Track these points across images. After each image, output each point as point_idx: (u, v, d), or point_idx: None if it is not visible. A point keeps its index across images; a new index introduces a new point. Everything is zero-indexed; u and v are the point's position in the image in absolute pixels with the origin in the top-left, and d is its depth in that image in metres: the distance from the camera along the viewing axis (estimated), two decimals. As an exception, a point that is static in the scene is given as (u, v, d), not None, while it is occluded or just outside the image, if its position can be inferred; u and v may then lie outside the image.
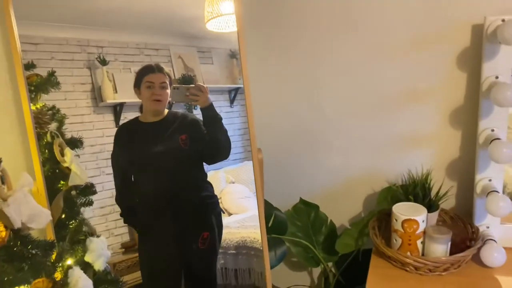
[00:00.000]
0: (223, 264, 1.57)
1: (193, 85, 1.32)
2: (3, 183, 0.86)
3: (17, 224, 0.84)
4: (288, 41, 1.60)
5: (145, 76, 1.36)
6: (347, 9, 1.48)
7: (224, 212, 1.57)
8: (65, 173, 1.27)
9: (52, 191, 1.24)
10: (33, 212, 0.88)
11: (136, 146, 1.39)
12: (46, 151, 1.25)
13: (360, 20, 1.48)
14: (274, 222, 1.58)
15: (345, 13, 1.49)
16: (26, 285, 0.83)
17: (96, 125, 1.41)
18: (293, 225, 1.64)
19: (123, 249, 1.49)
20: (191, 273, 1.48)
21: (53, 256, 0.97)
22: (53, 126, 1.28)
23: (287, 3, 1.55)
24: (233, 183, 1.66)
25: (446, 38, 1.39)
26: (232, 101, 1.55)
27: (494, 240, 1.28)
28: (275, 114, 1.70)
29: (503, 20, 1.20)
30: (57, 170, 1.27)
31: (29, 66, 1.25)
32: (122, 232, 1.48)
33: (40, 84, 1.27)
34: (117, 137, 1.40)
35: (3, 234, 0.83)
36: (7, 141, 1.24)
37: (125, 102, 1.43)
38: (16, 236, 0.86)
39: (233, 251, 1.57)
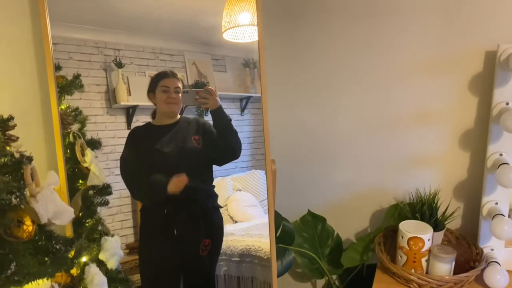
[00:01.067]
0: (226, 271, 1.57)
1: (202, 89, 1.36)
2: (32, 180, 0.90)
3: (44, 220, 0.87)
4: (304, 57, 1.64)
5: (160, 80, 1.40)
6: (367, 29, 1.53)
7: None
8: (84, 173, 1.30)
9: (71, 189, 1.27)
10: (58, 209, 0.92)
11: (149, 148, 1.42)
12: (68, 150, 1.28)
13: (377, 41, 1.52)
14: (282, 232, 1.60)
15: (364, 33, 1.54)
16: (48, 278, 0.87)
17: (109, 126, 1.43)
18: (300, 236, 1.66)
19: (128, 250, 1.49)
20: (190, 278, 1.49)
21: (72, 252, 1.00)
22: (75, 127, 1.31)
23: (307, 18, 1.60)
24: (240, 190, 1.67)
25: (459, 63, 1.42)
26: (243, 110, 1.56)
27: (497, 263, 1.29)
28: (288, 126, 1.74)
29: (516, 49, 1.24)
30: (76, 170, 1.30)
31: (56, 68, 1.29)
32: (127, 233, 1.49)
33: (65, 86, 1.31)
34: (130, 139, 1.42)
35: (30, 228, 0.86)
36: (32, 139, 1.27)
37: (138, 105, 1.46)
38: (41, 231, 0.90)
39: (237, 259, 1.57)
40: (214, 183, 1.49)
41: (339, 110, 1.64)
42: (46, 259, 0.89)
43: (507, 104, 1.29)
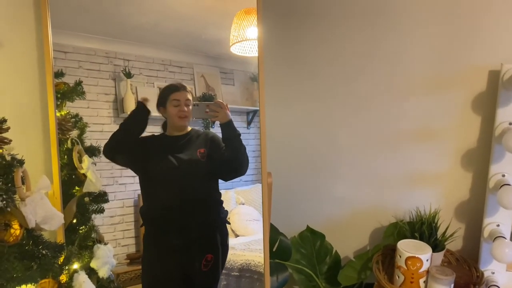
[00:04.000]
0: (225, 285, 1.55)
1: (212, 102, 1.35)
2: (23, 183, 0.90)
3: (32, 224, 0.87)
4: (307, 72, 1.64)
5: (171, 94, 1.39)
6: (369, 47, 1.53)
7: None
8: (81, 180, 1.30)
9: (66, 195, 1.26)
10: (47, 214, 0.91)
11: (157, 156, 1.41)
12: (65, 156, 1.28)
13: (380, 57, 1.52)
14: (279, 247, 1.58)
15: (367, 50, 1.53)
16: (33, 284, 0.85)
17: (115, 136, 1.44)
18: (298, 252, 1.64)
19: (128, 260, 1.48)
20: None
21: (61, 259, 0.99)
22: (74, 133, 1.32)
23: (310, 35, 1.61)
24: (243, 204, 1.66)
25: (462, 81, 1.41)
26: (249, 123, 1.56)
27: (498, 287, 1.26)
28: (288, 140, 1.73)
29: (519, 68, 1.22)
30: (73, 176, 1.30)
31: (58, 74, 1.30)
32: (129, 243, 1.49)
33: (66, 92, 1.31)
34: (143, 139, 1.41)
35: (18, 232, 0.86)
36: (30, 144, 1.28)
37: (145, 115, 1.47)
38: (29, 236, 0.89)
39: (237, 273, 1.55)
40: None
41: (340, 126, 1.63)
42: (33, 264, 0.87)
43: (510, 124, 1.27)
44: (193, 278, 1.43)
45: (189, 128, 1.44)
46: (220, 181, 1.46)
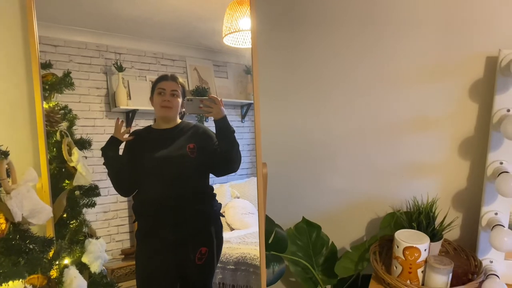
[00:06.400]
0: (221, 279, 1.55)
1: (206, 97, 1.33)
2: (8, 176, 0.87)
3: (18, 218, 0.84)
4: (302, 62, 1.62)
5: (158, 83, 1.38)
6: (362, 34, 1.50)
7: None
8: (71, 173, 1.27)
9: (56, 189, 1.24)
10: (34, 207, 0.88)
11: (145, 151, 1.39)
12: (54, 149, 1.25)
13: (375, 45, 1.49)
14: (275, 239, 1.56)
15: (360, 38, 1.51)
16: (20, 279, 0.83)
17: (107, 130, 1.41)
18: (294, 244, 1.62)
19: (123, 256, 1.48)
20: (186, 286, 1.45)
21: (50, 254, 0.97)
22: (63, 125, 1.29)
23: (302, 25, 1.58)
24: (238, 198, 1.65)
25: (459, 68, 1.39)
26: (243, 117, 1.55)
27: (497, 276, 1.25)
28: (283, 132, 1.71)
29: (517, 54, 1.20)
30: (63, 169, 1.27)
31: (45, 65, 1.27)
32: (123, 238, 1.48)
33: (54, 84, 1.28)
34: (129, 142, 1.40)
35: (3, 226, 0.83)
36: (18, 136, 1.26)
37: (137, 109, 1.45)
38: (15, 230, 0.87)
39: (232, 267, 1.54)
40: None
41: (336, 116, 1.61)
42: (20, 259, 0.85)
43: (508, 111, 1.25)
44: (187, 272, 1.42)
45: (179, 121, 1.41)
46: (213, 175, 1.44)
